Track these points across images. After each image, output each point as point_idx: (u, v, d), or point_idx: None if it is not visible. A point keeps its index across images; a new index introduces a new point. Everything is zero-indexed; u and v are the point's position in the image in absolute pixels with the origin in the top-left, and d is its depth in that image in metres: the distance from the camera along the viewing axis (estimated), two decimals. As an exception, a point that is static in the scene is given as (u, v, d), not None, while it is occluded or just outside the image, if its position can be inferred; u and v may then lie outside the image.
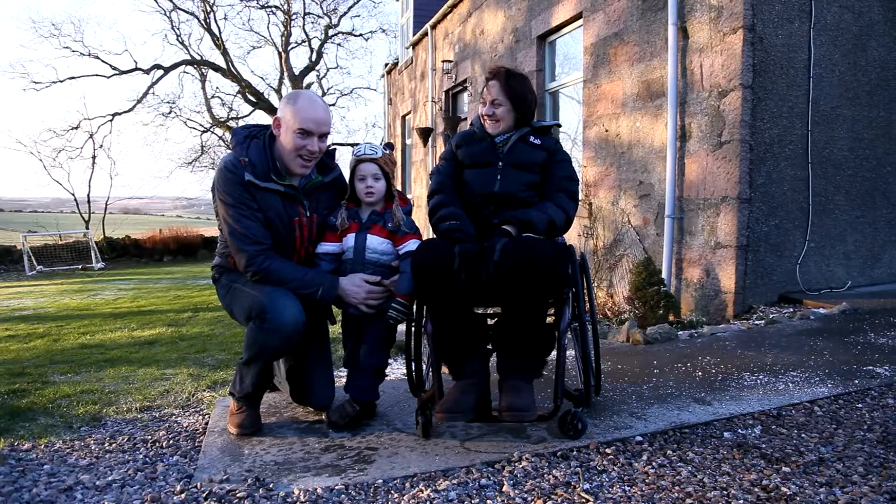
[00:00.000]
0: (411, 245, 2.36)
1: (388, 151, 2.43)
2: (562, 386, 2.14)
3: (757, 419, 2.33)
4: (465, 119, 10.15)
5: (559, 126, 2.71)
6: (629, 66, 5.63)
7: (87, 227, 16.95)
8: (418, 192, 12.98)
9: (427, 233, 2.59)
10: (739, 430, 2.23)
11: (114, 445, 2.34)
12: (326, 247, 2.41)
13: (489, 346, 2.29)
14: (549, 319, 2.32)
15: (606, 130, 6.00)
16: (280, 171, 2.29)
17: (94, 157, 18.18)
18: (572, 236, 6.38)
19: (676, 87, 4.99)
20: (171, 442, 2.35)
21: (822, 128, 4.74)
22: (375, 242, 2.38)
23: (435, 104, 11.40)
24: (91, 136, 18.45)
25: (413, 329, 2.32)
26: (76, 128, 18.52)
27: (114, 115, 19.17)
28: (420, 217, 12.90)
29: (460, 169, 2.47)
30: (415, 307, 2.31)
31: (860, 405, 2.42)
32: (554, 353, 2.27)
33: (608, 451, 2.09)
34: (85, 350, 5.03)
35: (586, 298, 2.38)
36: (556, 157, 2.45)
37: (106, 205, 18.08)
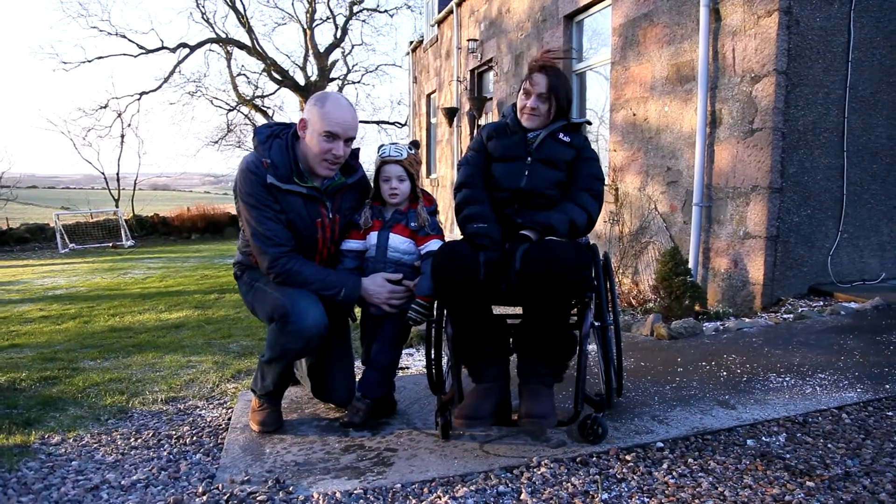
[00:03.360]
0: (433, 245, 2.34)
1: (413, 151, 2.40)
2: (583, 392, 2.12)
3: (782, 426, 2.29)
4: (491, 99, 10.02)
5: (589, 123, 2.65)
6: (659, 49, 5.48)
7: (116, 206, 17.26)
8: (443, 172, 12.92)
9: (450, 212, 2.54)
10: (763, 438, 2.19)
11: (139, 441, 2.40)
12: (350, 244, 2.41)
13: (510, 348, 2.28)
14: (573, 319, 2.29)
15: (634, 114, 5.87)
16: (303, 173, 2.27)
17: (122, 136, 18.44)
18: (597, 227, 6.30)
19: (707, 71, 4.85)
20: (195, 438, 2.40)
21: (859, 114, 4.57)
22: (398, 241, 2.37)
23: (460, 83, 11.28)
24: (119, 116, 18.71)
25: (434, 330, 2.32)
26: (105, 107, 18.77)
27: (141, 94, 19.36)
28: (444, 197, 12.86)
29: (489, 161, 2.44)
30: (435, 308, 2.30)
31: (890, 413, 2.36)
32: (575, 357, 2.24)
33: (628, 457, 2.07)
34: (114, 334, 5.14)
35: (609, 297, 2.35)
36: (584, 155, 2.40)
37: (135, 183, 18.36)
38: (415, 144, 2.46)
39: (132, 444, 2.37)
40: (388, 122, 23.46)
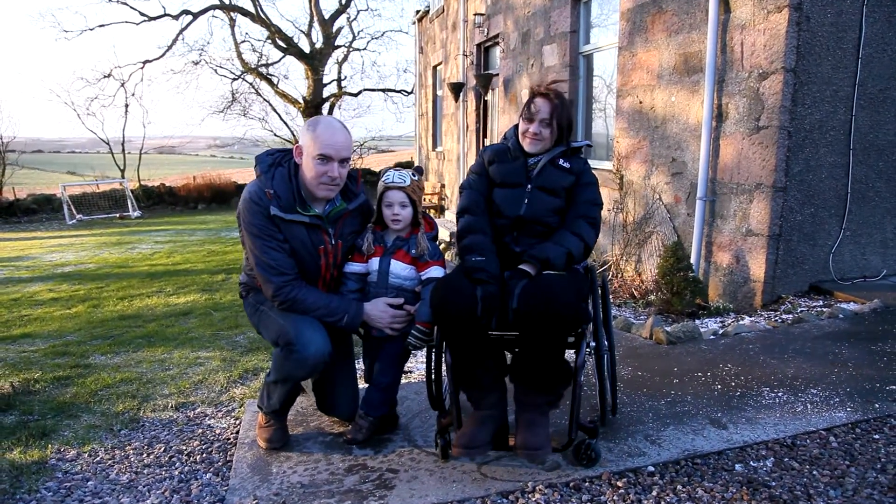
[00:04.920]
0: (434, 272, 2.39)
1: (416, 178, 2.43)
2: (577, 421, 2.19)
3: (770, 449, 2.36)
4: (497, 75, 9.90)
5: (590, 146, 2.66)
6: (667, 37, 5.40)
7: (122, 176, 17.29)
8: (449, 146, 12.87)
9: (456, 186, 2.58)
10: (751, 463, 2.27)
11: (151, 457, 2.50)
12: (353, 267, 2.47)
13: (508, 370, 2.34)
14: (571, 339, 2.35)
15: (641, 102, 5.82)
16: (305, 201, 2.31)
17: (126, 106, 18.35)
18: (602, 211, 6.29)
19: (715, 63, 4.79)
20: (205, 455, 2.49)
21: (867, 112, 4.52)
22: (399, 268, 2.42)
23: (466, 58, 11.13)
24: (122, 85, 18.58)
25: (434, 353, 2.38)
26: (108, 76, 18.62)
27: (144, 62, 19.19)
28: (450, 171, 12.82)
29: (491, 185, 2.47)
30: (436, 333, 2.36)
31: (877, 436, 2.42)
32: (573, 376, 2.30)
33: (619, 484, 2.15)
34: (123, 322, 5.25)
35: (608, 309, 2.40)
36: (583, 180, 2.43)
37: (140, 153, 18.34)
38: (419, 171, 2.49)
39: (145, 461, 2.47)
40: (394, 91, 23.21)
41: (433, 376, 2.41)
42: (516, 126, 2.50)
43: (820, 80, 4.34)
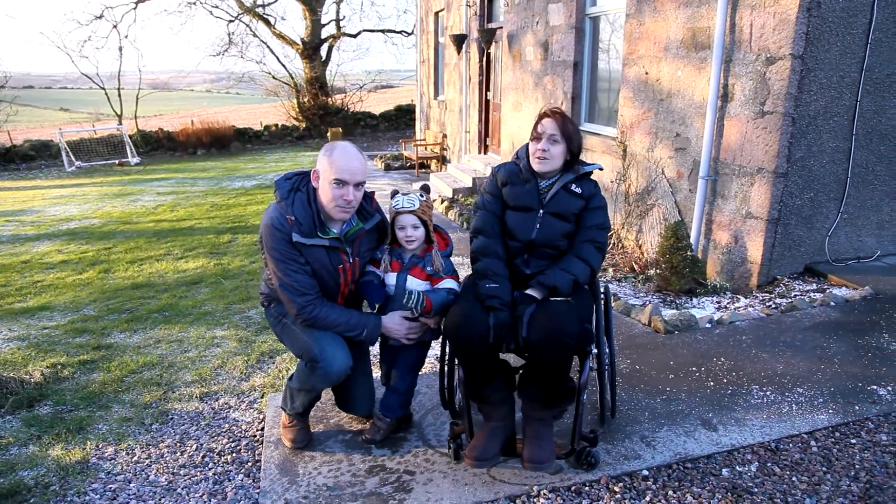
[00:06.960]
0: (447, 284, 2.53)
1: (423, 199, 2.53)
2: (579, 433, 2.38)
3: (755, 453, 2.56)
4: (501, 28, 9.71)
5: (601, 169, 2.73)
6: (676, 9, 5.33)
7: (119, 123, 17.08)
8: (451, 96, 12.73)
9: (458, 138, 2.70)
10: (737, 468, 2.47)
11: (185, 456, 2.70)
12: (373, 268, 2.62)
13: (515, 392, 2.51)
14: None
15: (647, 73, 5.80)
16: (324, 224, 2.42)
17: (120, 49, 17.92)
18: (605, 182, 6.37)
19: (723, 42, 4.77)
20: (235, 455, 2.70)
21: (872, 97, 4.55)
22: (415, 284, 2.56)
23: (469, 7, 10.88)
24: (115, 27, 18.06)
25: (447, 363, 2.54)
26: (100, 17, 18.09)
27: (137, 2, 18.59)
28: (452, 122, 12.72)
29: (504, 206, 2.56)
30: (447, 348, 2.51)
31: (854, 441, 2.62)
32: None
33: (616, 488, 2.36)
34: (137, 292, 5.40)
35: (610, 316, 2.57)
36: (592, 204, 2.52)
37: (137, 99, 18.04)
38: (426, 190, 2.58)
39: (180, 461, 2.67)
40: (394, 31, 22.62)
41: (446, 382, 2.58)
42: (527, 145, 2.57)
43: (827, 66, 4.34)
